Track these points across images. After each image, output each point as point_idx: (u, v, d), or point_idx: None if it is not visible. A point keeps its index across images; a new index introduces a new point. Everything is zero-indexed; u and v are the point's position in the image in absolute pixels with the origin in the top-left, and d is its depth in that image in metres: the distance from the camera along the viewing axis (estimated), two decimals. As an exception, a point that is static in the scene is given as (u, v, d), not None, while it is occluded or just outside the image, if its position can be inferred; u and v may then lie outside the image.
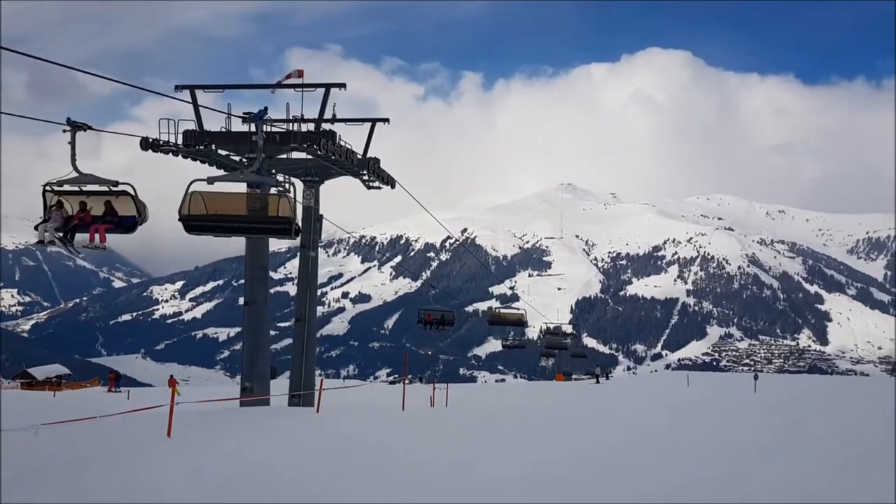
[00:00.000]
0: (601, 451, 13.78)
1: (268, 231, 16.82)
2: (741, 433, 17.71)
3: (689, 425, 19.71)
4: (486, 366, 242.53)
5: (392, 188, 26.30)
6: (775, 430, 18.28)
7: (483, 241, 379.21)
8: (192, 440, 12.46)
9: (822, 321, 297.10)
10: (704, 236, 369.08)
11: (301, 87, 24.14)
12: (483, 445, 14.12)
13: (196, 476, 10.00)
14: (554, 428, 18.24)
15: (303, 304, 26.04)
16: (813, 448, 14.76)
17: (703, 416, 23.24)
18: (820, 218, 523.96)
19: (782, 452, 14.12)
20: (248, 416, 17.65)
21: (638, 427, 18.87)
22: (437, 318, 34.46)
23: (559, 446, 14.45)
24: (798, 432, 17.89)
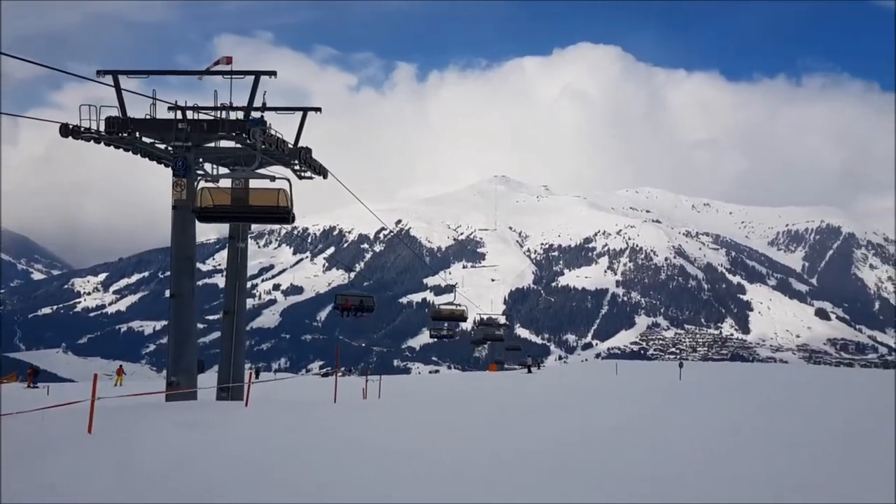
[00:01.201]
0: (532, 438, 13.99)
1: (269, 219, 20.00)
2: (666, 418, 18.24)
3: (613, 412, 20.19)
4: (420, 357, 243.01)
5: (324, 178, 25.99)
6: (697, 417, 18.89)
7: (417, 232, 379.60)
8: (115, 436, 12.09)
9: (744, 311, 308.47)
10: (633, 228, 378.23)
11: (230, 74, 23.58)
12: (414, 436, 14.15)
13: (119, 472, 9.71)
14: (483, 416, 18.42)
15: (232, 297, 25.53)
16: (732, 432, 15.32)
17: (630, 403, 23.83)
18: (742, 211, 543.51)
19: (701, 437, 14.60)
20: (174, 410, 17.23)
21: (569, 413, 19.24)
22: (355, 304, 32.67)
23: (487, 435, 14.60)
24: (716, 416, 18.53)
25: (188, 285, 23.30)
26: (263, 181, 19.58)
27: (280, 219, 19.40)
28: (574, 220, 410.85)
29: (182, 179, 22.77)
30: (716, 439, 14.25)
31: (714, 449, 12.98)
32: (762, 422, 17.55)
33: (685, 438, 14.30)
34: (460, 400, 25.83)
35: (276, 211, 19.01)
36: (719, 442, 13.91)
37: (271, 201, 19.05)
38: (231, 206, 19.49)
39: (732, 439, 14.25)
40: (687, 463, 11.43)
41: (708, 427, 16.32)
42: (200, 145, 23.41)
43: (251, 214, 20.08)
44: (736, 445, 13.40)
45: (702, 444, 13.47)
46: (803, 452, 12.47)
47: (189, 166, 22.93)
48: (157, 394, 21.16)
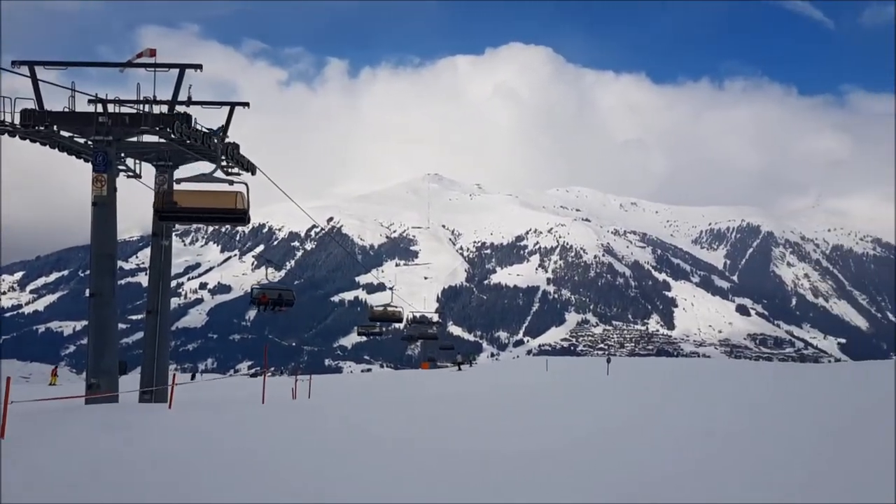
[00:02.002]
0: (460, 433, 14.09)
1: (227, 220, 21.15)
2: (595, 412, 18.64)
3: (544, 405, 20.52)
4: (352, 356, 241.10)
5: (252, 175, 25.54)
6: (628, 408, 19.37)
7: (349, 230, 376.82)
8: (29, 440, 11.64)
9: (669, 307, 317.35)
10: (564, 227, 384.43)
11: (153, 66, 23.00)
12: (340, 436, 14.08)
13: (31, 478, 9.36)
14: (413, 413, 18.46)
15: (155, 296, 24.89)
16: (661, 425, 15.77)
17: (560, 397, 24.26)
18: (668, 210, 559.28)
19: (626, 431, 14.99)
20: (94, 413, 16.70)
21: (492, 406, 19.46)
22: (273, 298, 29.96)
23: (419, 430, 14.64)
24: (637, 407, 19.05)
25: (108, 284, 22.61)
26: None
27: (237, 220, 20.68)
28: (506, 219, 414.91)
29: (102, 175, 22.09)
30: (632, 429, 14.65)
31: (630, 437, 13.35)
32: (678, 411, 18.13)
33: (598, 429, 14.66)
34: (389, 398, 25.82)
35: (233, 212, 20.27)
36: (635, 431, 14.31)
37: (230, 203, 20.24)
38: (192, 208, 20.53)
39: (650, 429, 14.67)
40: (598, 452, 11.72)
41: (626, 416, 16.75)
42: (122, 140, 22.75)
43: (210, 215, 21.18)
44: (652, 433, 13.80)
45: (617, 434, 13.83)
46: (712, 441, 12.94)
47: (110, 161, 22.27)
48: (76, 397, 20.46)
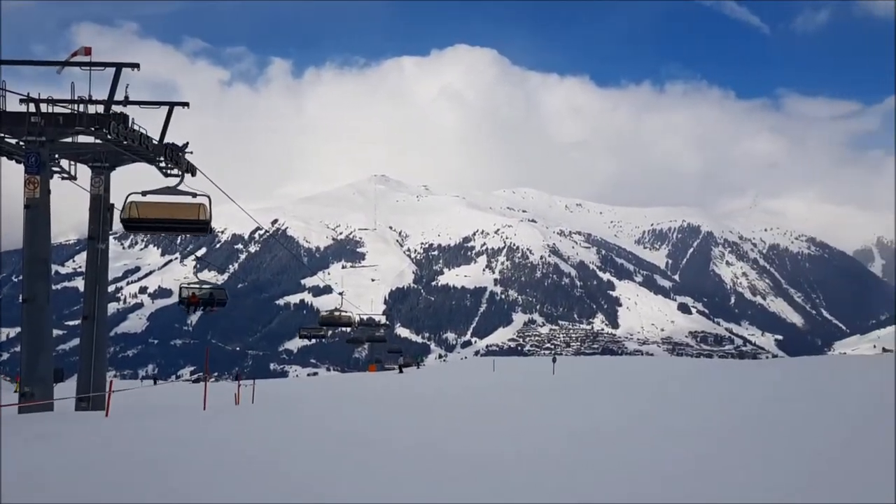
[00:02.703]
0: (410, 433, 14.05)
1: (190, 230, 22.45)
2: (540, 409, 18.80)
3: (489, 405, 20.62)
4: (298, 360, 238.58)
5: (192, 176, 25.02)
6: (570, 406, 19.59)
7: (295, 232, 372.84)
8: (-45, 454, 11.15)
9: (614, 306, 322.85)
10: (510, 228, 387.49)
11: (88, 65, 22.41)
12: (282, 440, 13.90)
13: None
14: (356, 417, 18.35)
15: (91, 301, 24.22)
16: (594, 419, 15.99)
17: (507, 396, 24.40)
18: (612, 211, 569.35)
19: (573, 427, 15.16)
20: (27, 423, 16.13)
21: (437, 407, 19.47)
22: (204, 298, 27.84)
23: (364, 433, 14.55)
24: (582, 403, 19.30)
25: (42, 289, 21.93)
26: None
27: (200, 230, 22.06)
28: (453, 220, 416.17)
29: (35, 177, 21.43)
30: (580, 426, 14.85)
31: (573, 433, 13.52)
32: (625, 407, 18.44)
33: (546, 425, 14.81)
34: (333, 401, 25.62)
35: (197, 223, 21.68)
36: (584, 428, 14.50)
37: (193, 215, 21.59)
38: (157, 219, 21.80)
39: (607, 425, 14.88)
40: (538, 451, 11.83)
41: (573, 414, 16.96)
42: (56, 140, 22.10)
43: (174, 226, 22.54)
44: (612, 428, 13.99)
45: (562, 431, 13.99)
46: (652, 434, 13.18)
47: (43, 163, 21.60)
48: (8, 406, 19.73)
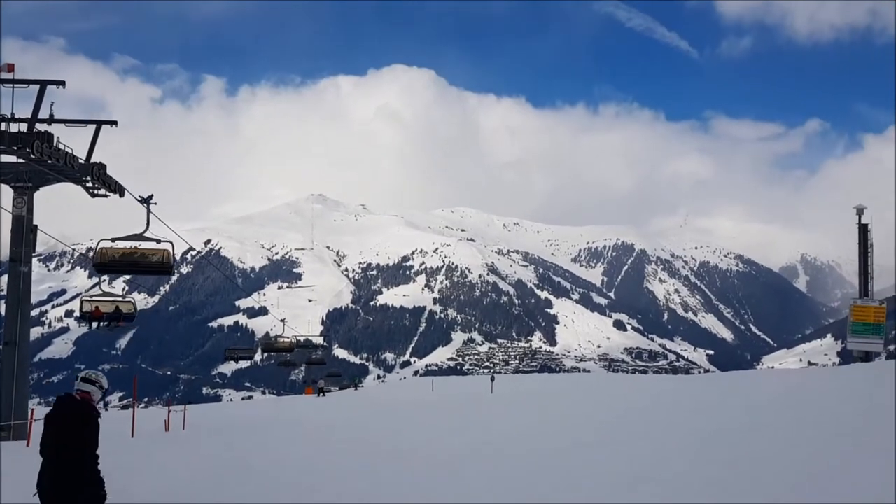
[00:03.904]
0: (342, 456, 13.87)
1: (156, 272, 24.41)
2: (472, 431, 18.79)
3: (423, 425, 20.52)
4: (232, 383, 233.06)
5: (121, 196, 24.49)
6: (504, 426, 19.65)
7: (229, 252, 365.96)
8: None
9: (552, 324, 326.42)
10: (449, 247, 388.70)
11: (12, 83, 21.69)
12: (219, 467, 13.55)
13: None
14: (282, 444, 18.03)
15: (13, 326, 23.23)
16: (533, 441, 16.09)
17: (444, 416, 24.34)
18: (549, 230, 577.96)
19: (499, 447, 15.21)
20: (-61, 457, 15.31)
21: (374, 431, 19.29)
22: (109, 312, 25.80)
23: (297, 456, 14.30)
24: (519, 422, 19.40)
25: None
26: None
27: (165, 272, 24.30)
28: (392, 239, 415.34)
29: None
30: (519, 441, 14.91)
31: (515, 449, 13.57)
32: (554, 426, 18.61)
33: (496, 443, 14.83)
34: (264, 426, 25.13)
35: (161, 266, 23.75)
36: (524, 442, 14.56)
37: (159, 258, 23.67)
38: (126, 261, 23.63)
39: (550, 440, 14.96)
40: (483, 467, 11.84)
41: (511, 433, 17.02)
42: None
43: (141, 269, 24.36)
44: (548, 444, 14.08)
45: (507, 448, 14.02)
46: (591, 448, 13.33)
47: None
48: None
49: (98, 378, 7.25)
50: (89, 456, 6.82)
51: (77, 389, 7.11)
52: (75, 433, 6.78)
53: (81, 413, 6.90)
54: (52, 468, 6.69)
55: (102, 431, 7.06)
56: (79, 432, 6.79)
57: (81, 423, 6.84)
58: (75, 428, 6.80)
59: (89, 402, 7.07)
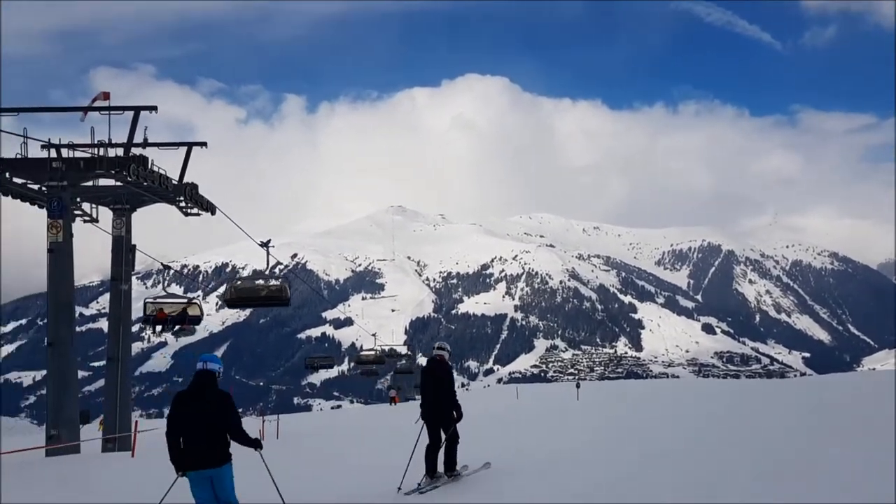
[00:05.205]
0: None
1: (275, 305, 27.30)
2: (565, 437, 18.57)
3: (517, 432, 20.39)
4: (322, 393, 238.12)
5: (212, 214, 25.39)
6: (595, 432, 19.34)
7: (314, 265, 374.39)
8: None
9: (636, 329, 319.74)
10: (528, 253, 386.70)
11: (108, 110, 22.81)
12: (316, 478, 13.83)
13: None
14: (375, 442, 18.22)
15: (115, 342, 24.40)
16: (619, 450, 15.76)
17: (530, 422, 24.16)
18: (630, 233, 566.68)
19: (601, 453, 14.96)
20: (54, 465, 16.19)
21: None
22: (174, 315, 24.99)
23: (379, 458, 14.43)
24: (609, 434, 19.04)
25: (66, 333, 22.12)
26: None
27: (283, 304, 26.58)
28: (471, 248, 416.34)
29: (58, 221, 21.70)
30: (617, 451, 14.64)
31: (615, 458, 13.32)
32: (651, 432, 18.16)
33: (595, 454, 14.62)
34: (357, 431, 25.50)
35: (280, 299, 26.05)
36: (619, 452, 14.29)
37: (278, 293, 25.92)
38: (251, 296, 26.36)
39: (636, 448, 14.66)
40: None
41: (594, 441, 16.73)
42: (77, 184, 22.45)
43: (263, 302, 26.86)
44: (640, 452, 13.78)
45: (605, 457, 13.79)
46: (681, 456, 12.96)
47: (65, 207, 21.90)
48: (35, 449, 19.83)
49: (445, 345, 12.12)
50: (452, 391, 11.74)
51: (435, 355, 11.90)
52: (443, 378, 11.63)
53: (438, 367, 11.75)
54: (433, 399, 11.60)
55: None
56: (442, 379, 11.62)
57: (445, 373, 11.70)
58: (442, 375, 11.64)
59: (443, 361, 11.85)
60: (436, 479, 11.72)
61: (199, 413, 7.58)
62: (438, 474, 11.77)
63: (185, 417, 7.61)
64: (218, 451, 7.60)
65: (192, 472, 7.57)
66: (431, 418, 11.66)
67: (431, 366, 11.81)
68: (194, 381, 7.80)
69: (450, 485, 11.85)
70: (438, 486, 11.63)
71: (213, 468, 7.57)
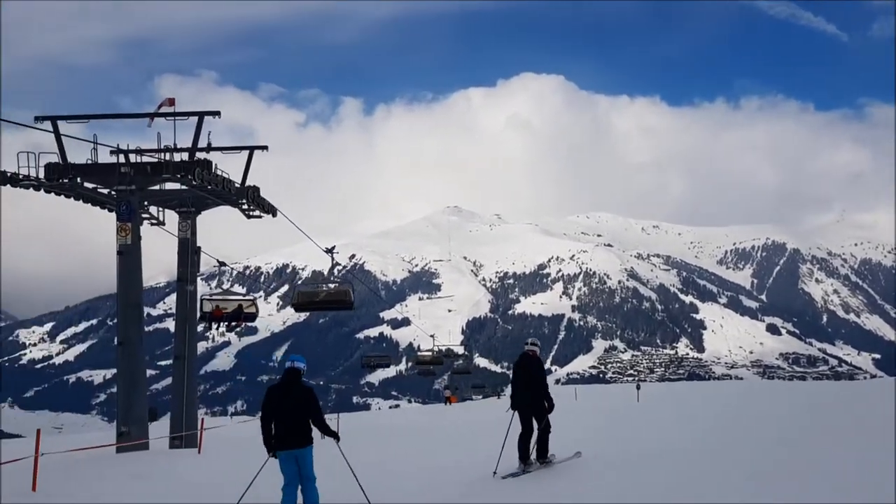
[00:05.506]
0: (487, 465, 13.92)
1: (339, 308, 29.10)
2: (624, 439, 18.31)
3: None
4: (380, 392, 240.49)
5: (273, 217, 25.78)
6: (659, 434, 19.02)
7: (372, 266, 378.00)
8: (60, 492, 11.64)
9: (698, 329, 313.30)
10: (586, 253, 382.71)
11: (173, 115, 23.40)
12: (375, 468, 13.93)
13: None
14: (434, 441, 18.26)
15: (182, 341, 25.02)
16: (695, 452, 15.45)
17: (591, 423, 23.92)
18: (691, 231, 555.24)
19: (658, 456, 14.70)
20: (125, 462, 16.71)
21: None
22: (230, 312, 25.21)
23: (444, 458, 14.47)
24: (675, 435, 18.68)
25: (135, 332, 22.77)
26: None
27: (347, 307, 28.23)
28: (527, 248, 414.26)
29: (127, 224, 22.35)
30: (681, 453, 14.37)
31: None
32: (714, 435, 17.77)
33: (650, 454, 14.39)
34: (412, 430, 25.61)
35: (345, 303, 27.77)
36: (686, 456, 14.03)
37: (342, 297, 27.80)
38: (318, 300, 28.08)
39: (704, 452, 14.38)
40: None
41: (666, 441, 16.44)
42: (145, 188, 23.08)
43: (330, 306, 28.67)
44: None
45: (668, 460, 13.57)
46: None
47: (134, 210, 22.55)
48: (106, 446, 20.49)
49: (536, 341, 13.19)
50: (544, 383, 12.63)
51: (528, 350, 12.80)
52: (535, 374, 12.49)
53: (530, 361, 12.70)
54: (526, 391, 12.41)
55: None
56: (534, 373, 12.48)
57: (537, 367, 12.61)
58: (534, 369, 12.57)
59: (535, 356, 12.80)
60: (529, 465, 12.44)
61: (287, 404, 9.16)
62: (531, 461, 12.48)
63: (277, 408, 9.19)
64: (302, 436, 9.20)
65: (281, 452, 9.18)
66: (524, 408, 12.39)
67: (524, 360, 12.62)
68: (284, 376, 9.32)
69: (542, 471, 12.56)
70: (531, 471, 12.38)
71: (298, 449, 9.20)
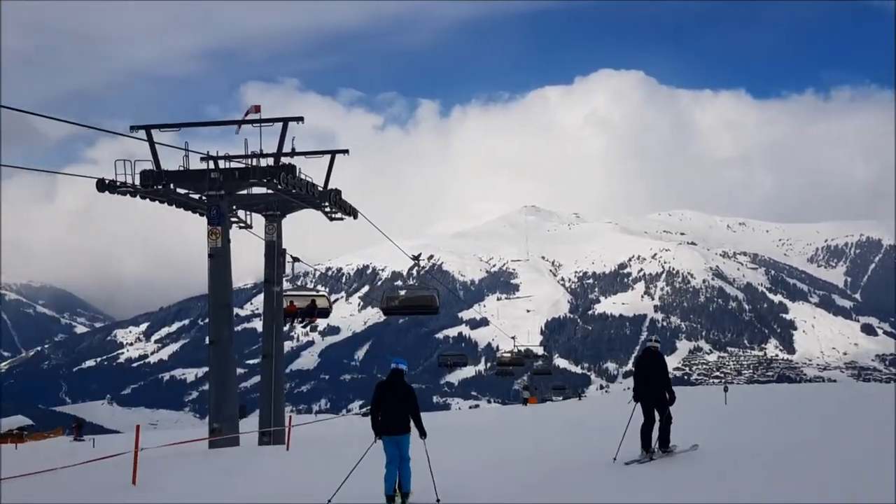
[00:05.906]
0: (566, 459, 13.77)
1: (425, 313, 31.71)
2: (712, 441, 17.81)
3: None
4: (460, 392, 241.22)
5: (354, 219, 26.26)
6: (746, 438, 18.42)
7: (450, 266, 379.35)
8: (158, 485, 12.17)
9: (788, 330, 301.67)
10: (668, 252, 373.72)
11: (259, 122, 24.14)
12: (467, 463, 14.00)
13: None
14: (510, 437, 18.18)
15: (269, 341, 25.74)
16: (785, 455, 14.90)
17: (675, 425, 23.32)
18: (779, 228, 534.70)
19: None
20: (217, 457, 17.33)
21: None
22: (304, 308, 26.63)
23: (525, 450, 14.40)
24: (765, 438, 18.04)
25: (226, 332, 23.59)
26: None
27: (433, 313, 30.84)
28: (607, 247, 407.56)
29: (217, 227, 23.20)
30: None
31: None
32: (806, 439, 17.07)
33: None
34: (490, 429, 25.56)
35: (430, 308, 30.15)
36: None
37: (428, 302, 30.05)
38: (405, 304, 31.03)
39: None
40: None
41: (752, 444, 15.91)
42: (233, 193, 23.88)
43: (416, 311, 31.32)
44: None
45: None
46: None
47: (223, 214, 23.38)
48: (200, 441, 21.29)
49: (657, 338, 13.99)
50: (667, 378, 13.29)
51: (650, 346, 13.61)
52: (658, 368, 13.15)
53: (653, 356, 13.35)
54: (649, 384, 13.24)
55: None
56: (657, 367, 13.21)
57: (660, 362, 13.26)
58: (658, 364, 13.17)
59: (657, 351, 13.41)
60: (650, 454, 13.18)
61: (392, 399, 11.06)
62: (652, 449, 13.21)
63: (384, 401, 11.07)
64: (403, 426, 11.03)
65: (386, 437, 11.02)
66: (647, 400, 13.19)
67: (647, 355, 13.35)
68: (390, 376, 11.33)
69: (664, 459, 13.22)
70: (654, 459, 13.15)
71: (399, 435, 11.04)
